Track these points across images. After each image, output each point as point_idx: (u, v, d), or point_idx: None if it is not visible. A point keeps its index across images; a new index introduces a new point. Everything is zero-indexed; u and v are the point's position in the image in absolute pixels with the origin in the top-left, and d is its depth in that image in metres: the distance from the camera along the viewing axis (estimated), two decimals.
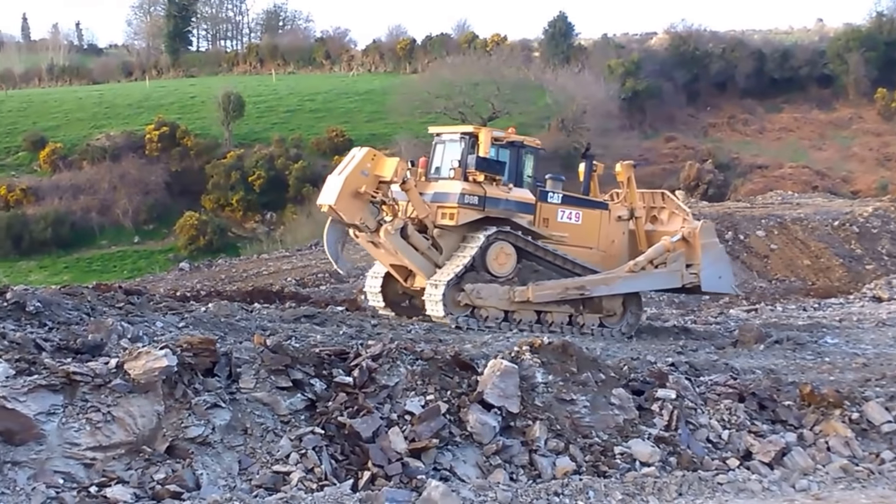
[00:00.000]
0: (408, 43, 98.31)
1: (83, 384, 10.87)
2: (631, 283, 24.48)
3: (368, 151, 22.85)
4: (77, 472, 10.36)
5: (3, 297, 16.08)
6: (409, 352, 13.15)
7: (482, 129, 24.52)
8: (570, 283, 23.64)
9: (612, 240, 25.25)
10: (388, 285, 24.74)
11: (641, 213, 25.83)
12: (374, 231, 22.83)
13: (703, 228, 25.16)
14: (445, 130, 25.44)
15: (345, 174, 22.48)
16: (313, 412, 12.00)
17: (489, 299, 22.87)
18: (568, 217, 24.59)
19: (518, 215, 23.69)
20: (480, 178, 23.19)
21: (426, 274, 23.07)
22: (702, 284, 24.96)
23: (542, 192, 24.62)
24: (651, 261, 24.62)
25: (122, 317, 17.01)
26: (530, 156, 24.99)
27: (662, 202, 26.75)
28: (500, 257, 23.15)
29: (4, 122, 71.78)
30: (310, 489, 10.71)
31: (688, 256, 24.85)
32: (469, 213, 23.10)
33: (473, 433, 12.23)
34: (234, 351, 12.42)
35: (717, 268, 25.14)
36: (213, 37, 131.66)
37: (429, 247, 23.15)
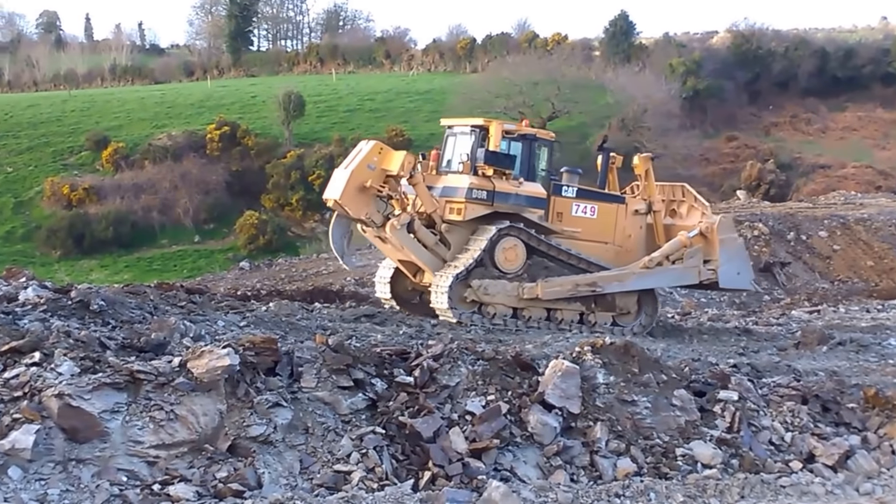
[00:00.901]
0: (468, 42, 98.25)
1: (146, 382, 10.96)
2: (645, 279, 23.84)
3: (375, 145, 22.43)
4: (140, 470, 10.44)
5: (68, 296, 16.26)
6: (469, 352, 13.12)
7: (493, 121, 23.62)
8: (580, 280, 23.06)
9: (629, 234, 24.61)
10: (398, 280, 24.26)
11: (660, 206, 25.11)
12: (380, 226, 22.32)
13: (722, 223, 24.47)
14: (457, 122, 24.70)
15: (351, 168, 21.99)
16: (374, 412, 12.00)
17: (497, 296, 22.37)
18: (583, 211, 23.96)
19: (529, 210, 23.01)
20: (490, 172, 22.59)
21: (433, 269, 22.52)
22: (720, 281, 24.27)
23: (555, 186, 23.95)
24: (667, 257, 23.98)
25: (185, 316, 17.14)
26: (544, 149, 24.28)
27: (682, 196, 25.92)
28: (509, 253, 22.62)
29: (68, 122, 72.67)
30: (370, 489, 10.72)
31: (705, 252, 24.11)
32: (477, 209, 22.51)
33: (534, 434, 12.18)
34: (295, 350, 12.48)
35: (735, 264, 24.41)
36: (273, 36, 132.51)
37: (436, 242, 22.63)
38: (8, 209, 60.30)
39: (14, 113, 74.81)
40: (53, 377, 10.69)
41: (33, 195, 61.36)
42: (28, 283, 18.26)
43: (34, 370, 10.78)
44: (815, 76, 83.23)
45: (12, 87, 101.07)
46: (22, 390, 10.47)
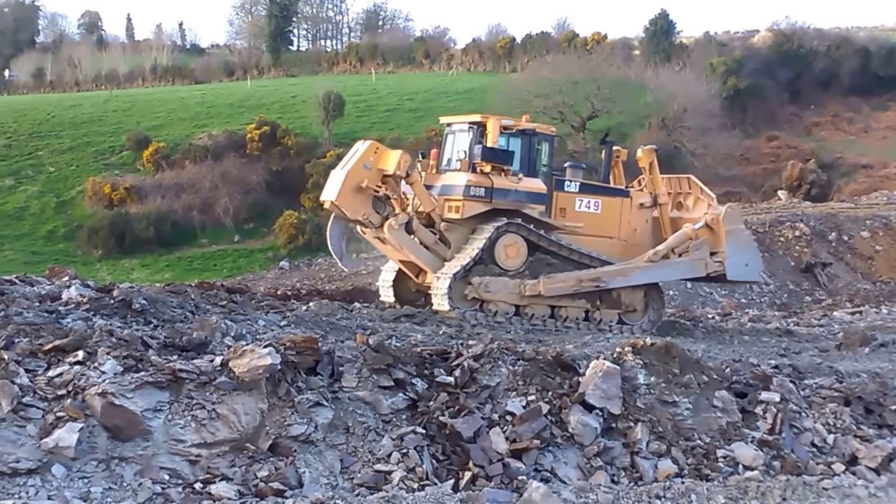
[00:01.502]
0: (507, 42, 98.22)
1: (188, 381, 11.01)
2: (650, 273, 23.48)
3: (371, 144, 22.24)
4: (182, 469, 10.49)
5: (110, 295, 16.37)
6: (510, 352, 13.10)
7: (490, 117, 23.50)
8: (584, 276, 22.68)
9: (635, 228, 24.35)
10: (401, 282, 24.09)
11: (665, 199, 24.78)
12: (378, 226, 22.15)
13: (728, 214, 24.08)
14: (456, 120, 24.50)
15: (346, 168, 21.85)
16: (415, 411, 12.01)
17: (498, 293, 22.11)
18: (586, 206, 23.67)
19: (529, 206, 22.74)
20: (488, 169, 22.37)
21: (433, 269, 22.35)
22: (727, 273, 23.89)
23: (557, 181, 23.75)
24: (672, 249, 23.63)
25: (226, 315, 17.20)
26: (545, 144, 23.95)
27: (688, 188, 25.56)
28: (510, 250, 22.37)
29: (109, 122, 73.23)
30: (411, 489, 10.71)
31: (712, 244, 23.76)
32: (475, 206, 22.29)
33: (575, 434, 12.13)
34: (336, 350, 12.50)
35: (743, 255, 24.03)
36: (313, 36, 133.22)
37: (436, 241, 22.41)
38: (50, 208, 60.86)
39: (56, 113, 75.52)
40: (97, 376, 10.76)
41: (75, 195, 61.90)
42: (71, 282, 18.45)
43: (78, 369, 10.85)
44: (858, 75, 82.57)
45: (55, 87, 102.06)
46: (66, 388, 10.55)
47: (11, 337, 11.84)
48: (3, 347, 11.33)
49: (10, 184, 63.72)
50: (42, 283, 19.28)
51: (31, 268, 35.61)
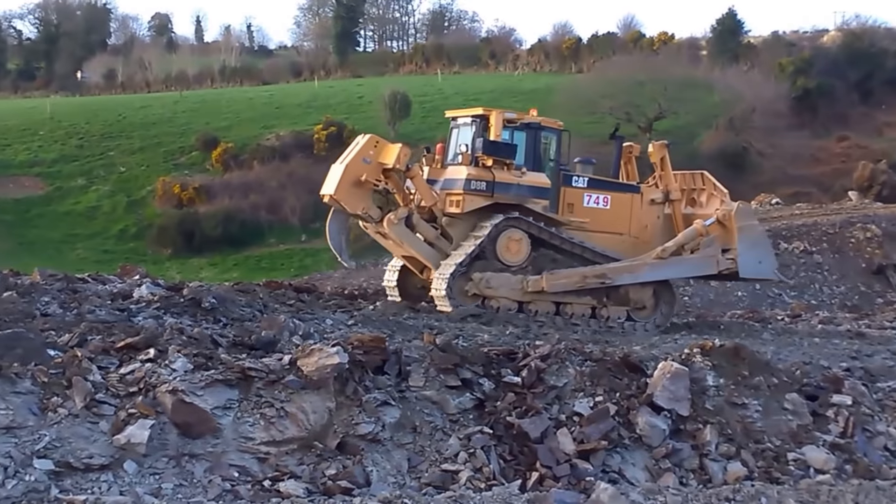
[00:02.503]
0: (573, 42, 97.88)
1: (258, 380, 11.12)
2: (659, 270, 22.76)
3: (371, 138, 21.82)
4: (251, 466, 10.58)
5: (180, 294, 16.57)
6: (577, 353, 13.07)
7: (493, 110, 22.79)
8: (588, 272, 22.04)
9: (645, 225, 23.55)
10: (406, 278, 23.54)
11: (677, 195, 23.94)
12: (378, 221, 21.71)
13: (740, 210, 23.23)
14: (460, 114, 23.82)
15: (346, 162, 21.49)
16: (482, 411, 12.02)
17: (500, 289, 21.55)
18: (595, 202, 22.99)
19: (532, 201, 22.05)
20: (489, 163, 21.78)
21: (434, 264, 21.78)
22: (739, 270, 23.04)
23: (565, 176, 23.00)
24: (682, 246, 22.92)
25: (294, 314, 17.31)
26: (552, 138, 23.24)
27: (702, 183, 24.77)
28: (512, 245, 21.76)
29: (178, 123, 74.04)
30: (478, 488, 10.72)
31: (724, 241, 22.93)
32: (476, 200, 21.71)
33: (643, 436, 12.08)
34: (403, 349, 12.54)
35: (756, 252, 23.15)
36: (379, 37, 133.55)
37: (437, 236, 21.82)
38: (121, 208, 61.68)
39: (127, 114, 76.51)
40: (167, 373, 10.89)
41: (145, 194, 62.66)
42: (142, 281, 18.68)
43: (149, 366, 11.00)
44: None
45: (125, 89, 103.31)
46: (137, 386, 10.69)
47: (85, 335, 12.03)
48: (77, 345, 11.52)
49: (83, 183, 64.70)
50: (114, 281, 19.53)
51: (102, 266, 36.10)
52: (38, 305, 14.53)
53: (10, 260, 35.21)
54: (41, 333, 11.91)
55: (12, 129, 73.40)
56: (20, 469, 9.43)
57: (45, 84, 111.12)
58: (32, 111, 79.58)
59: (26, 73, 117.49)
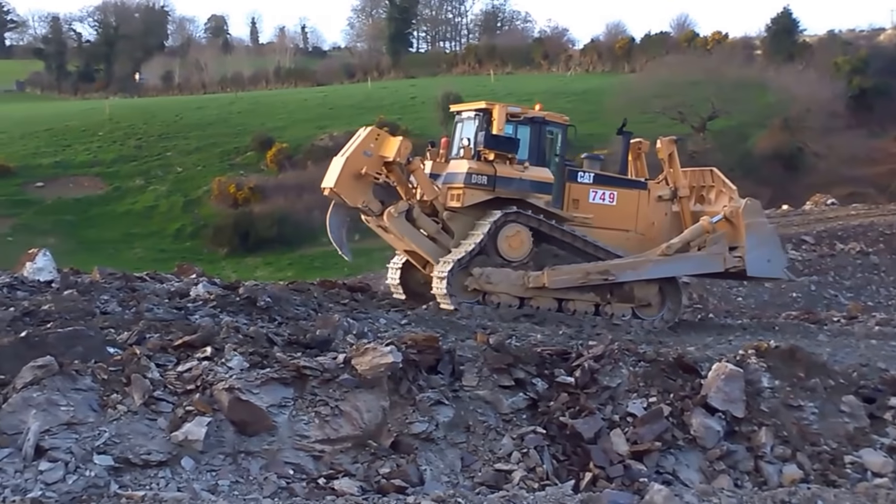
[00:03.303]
0: (626, 42, 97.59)
1: (312, 378, 11.20)
2: (663, 267, 22.27)
3: (372, 130, 21.67)
4: (306, 464, 10.66)
5: (236, 293, 16.75)
6: (631, 353, 13.02)
7: (496, 104, 22.34)
8: (591, 268, 21.66)
9: (652, 222, 23.14)
10: (408, 275, 23.30)
11: (686, 192, 23.39)
12: (378, 214, 21.52)
13: (748, 207, 22.71)
14: (464, 108, 23.58)
15: (346, 155, 21.30)
16: (535, 411, 12.03)
17: (500, 285, 21.22)
18: (601, 198, 22.59)
19: (534, 196, 21.67)
20: (491, 157, 21.47)
21: (434, 259, 21.49)
22: (747, 268, 22.57)
23: (570, 172, 22.69)
24: (688, 243, 22.49)
25: (348, 313, 17.43)
26: (557, 133, 22.88)
27: (711, 180, 24.21)
28: (513, 240, 21.42)
29: (234, 124, 74.70)
30: (531, 488, 10.73)
31: (731, 238, 22.50)
32: (477, 194, 21.40)
33: (697, 437, 12.01)
34: (457, 349, 12.59)
35: (764, 250, 22.66)
36: (432, 38, 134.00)
37: (438, 230, 21.63)
38: (178, 208, 62.35)
39: (184, 115, 77.36)
40: (224, 371, 11.01)
41: (201, 194, 63.29)
42: (198, 280, 18.92)
43: (206, 364, 11.12)
44: None
45: (182, 90, 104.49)
46: (194, 383, 10.81)
47: (143, 332, 12.21)
48: (136, 343, 11.70)
49: (141, 184, 65.53)
50: (171, 280, 19.78)
51: (159, 265, 36.47)
52: (97, 303, 14.78)
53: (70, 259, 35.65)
54: (101, 331, 12.09)
55: (73, 130, 74.55)
56: (81, 464, 9.58)
57: (104, 86, 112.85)
58: (92, 112, 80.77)
59: (86, 75, 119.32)
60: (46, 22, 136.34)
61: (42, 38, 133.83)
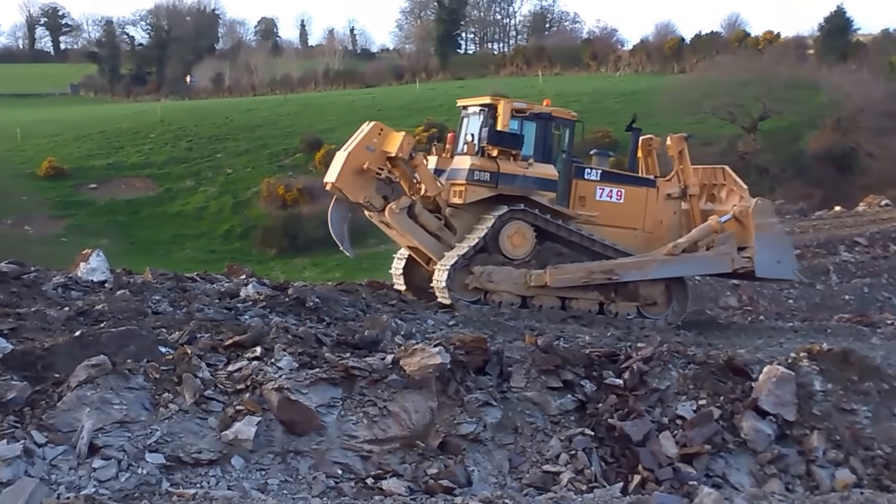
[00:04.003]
0: (676, 42, 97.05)
1: (361, 379, 11.26)
2: (669, 267, 21.87)
3: (375, 125, 21.26)
4: (354, 464, 10.71)
5: (285, 293, 16.83)
6: (680, 355, 12.96)
7: (501, 100, 22.05)
8: (595, 267, 21.26)
9: (661, 220, 22.64)
10: (412, 270, 22.91)
11: (696, 190, 22.95)
12: (380, 210, 21.18)
13: (758, 207, 22.24)
14: (470, 102, 23.08)
15: (349, 150, 21.02)
16: (583, 413, 12.01)
17: (502, 283, 20.88)
18: (608, 195, 22.16)
19: (538, 193, 21.30)
20: (495, 153, 21.11)
21: (436, 255, 21.18)
22: (756, 269, 22.09)
23: (577, 168, 22.24)
24: (695, 243, 22.02)
25: (396, 314, 17.45)
26: (564, 129, 22.46)
27: (723, 179, 23.66)
28: (515, 238, 21.06)
29: (283, 125, 75.11)
30: (579, 490, 10.72)
31: (740, 238, 22.04)
32: (479, 191, 21.07)
33: (747, 440, 11.94)
34: (505, 350, 12.58)
35: (774, 251, 22.16)
36: (480, 39, 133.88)
37: (440, 227, 21.37)
38: (227, 209, 62.76)
39: (234, 117, 77.90)
40: (273, 371, 11.09)
41: (250, 195, 63.66)
42: (248, 280, 19.01)
43: (256, 364, 11.20)
44: None
45: (232, 92, 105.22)
46: (244, 383, 10.89)
47: (194, 332, 12.32)
48: (187, 342, 11.80)
49: (191, 185, 66.07)
50: (221, 280, 19.90)
51: (209, 265, 36.75)
52: (149, 303, 14.92)
53: (122, 259, 36.01)
54: (153, 331, 12.23)
55: (125, 132, 75.31)
56: (133, 462, 9.69)
57: (155, 88, 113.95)
58: (144, 114, 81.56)
59: (138, 78, 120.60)
60: (100, 26, 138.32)
61: (96, 41, 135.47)
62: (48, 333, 11.82)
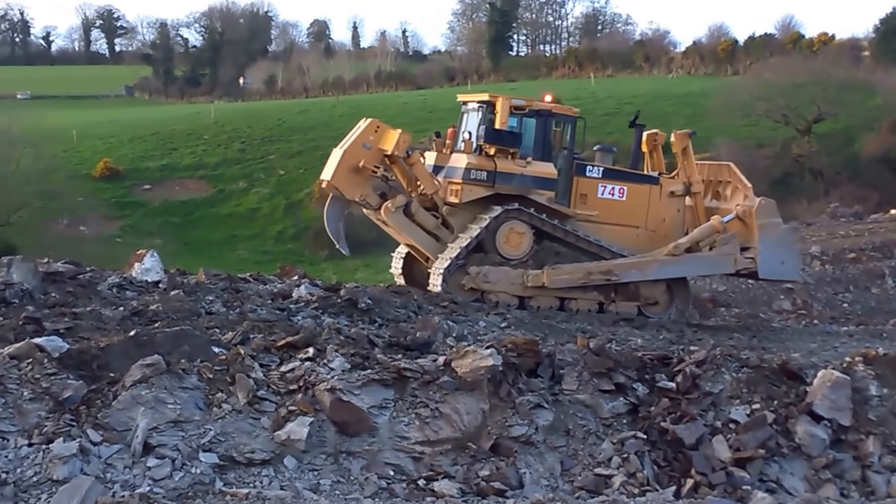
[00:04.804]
0: (729, 44, 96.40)
1: (413, 380, 11.28)
2: (670, 268, 21.56)
3: (371, 122, 21.11)
4: (406, 465, 10.74)
5: (337, 294, 16.91)
6: (734, 359, 12.86)
7: (500, 96, 21.73)
8: (594, 267, 20.99)
9: (664, 218, 22.23)
10: (412, 266, 22.71)
11: (699, 188, 22.55)
12: (376, 208, 21.05)
13: (761, 207, 21.80)
14: (470, 98, 22.96)
15: (344, 147, 20.85)
16: (635, 416, 11.95)
17: (498, 284, 20.64)
18: (610, 193, 21.78)
19: (536, 192, 21.04)
20: (492, 151, 20.85)
21: (433, 254, 20.99)
22: (759, 270, 21.77)
23: (578, 166, 21.86)
24: (697, 243, 21.70)
25: (447, 316, 17.47)
26: (565, 126, 22.11)
27: (728, 176, 23.25)
28: (512, 238, 20.80)
29: (335, 127, 75.20)
30: (631, 494, 10.68)
31: (744, 238, 21.72)
32: (475, 190, 20.85)
33: (801, 445, 11.82)
34: (557, 352, 12.55)
35: (777, 252, 21.78)
36: (532, 41, 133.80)
37: (437, 225, 21.16)
38: (280, 210, 63.13)
39: (286, 118, 78.34)
40: (326, 372, 11.13)
41: (303, 197, 63.95)
42: (300, 281, 19.14)
43: (308, 365, 11.25)
44: None
45: (285, 94, 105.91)
46: (297, 384, 10.94)
47: (247, 333, 12.40)
48: (240, 343, 11.88)
49: (244, 186, 66.55)
50: (274, 281, 20.03)
51: (262, 266, 37.01)
52: (203, 304, 15.05)
53: (176, 259, 36.38)
54: (206, 331, 12.34)
55: (179, 134, 75.99)
56: (187, 462, 9.77)
57: (209, 90, 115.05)
58: (197, 116, 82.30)
59: (192, 80, 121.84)
60: (154, 28, 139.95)
61: (150, 43, 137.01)
62: (103, 333, 11.96)
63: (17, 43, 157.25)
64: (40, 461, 9.33)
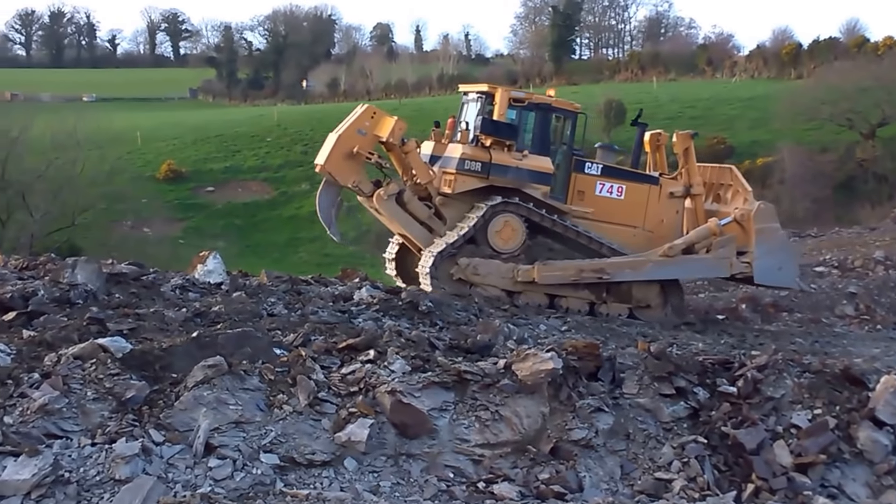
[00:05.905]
0: (793, 48, 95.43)
1: (473, 383, 11.31)
2: (664, 269, 21.25)
3: (368, 108, 21.11)
4: (466, 468, 10.77)
5: (398, 297, 17.01)
6: (795, 364, 12.76)
7: (499, 88, 21.70)
8: (585, 265, 20.75)
9: (662, 219, 22.00)
10: (405, 257, 22.60)
11: (700, 190, 22.32)
12: (369, 195, 20.98)
13: (760, 211, 21.55)
14: (471, 89, 22.74)
15: (339, 132, 20.71)
16: (696, 421, 11.89)
17: (488, 277, 20.46)
18: (608, 191, 21.57)
19: (531, 186, 20.82)
20: (488, 143, 20.67)
21: (423, 244, 20.85)
22: (755, 275, 21.53)
23: (578, 162, 21.72)
24: (692, 245, 21.42)
25: (508, 319, 17.51)
26: (567, 121, 21.87)
27: (730, 179, 23.00)
28: (505, 231, 20.61)
29: None
30: (692, 498, 10.64)
31: (741, 242, 21.50)
32: (469, 181, 20.67)
33: (864, 451, 11.69)
34: (617, 356, 12.53)
35: (774, 258, 21.51)
36: (595, 45, 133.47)
37: (430, 216, 21.03)
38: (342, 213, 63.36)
39: None
40: (386, 374, 11.20)
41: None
42: (362, 284, 19.25)
43: (369, 367, 11.32)
44: None
45: (347, 97, 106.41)
46: (357, 385, 11.03)
47: (308, 335, 12.51)
48: (301, 344, 11.99)
49: (307, 189, 66.83)
50: (335, 283, 20.17)
51: (323, 269, 37.20)
52: (265, 306, 15.19)
53: (238, 261, 36.75)
54: (268, 333, 12.45)
55: (242, 136, 76.66)
56: (248, 462, 9.88)
57: (272, 93, 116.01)
58: (261, 119, 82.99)
59: (255, 83, 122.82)
60: (219, 31, 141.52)
61: (214, 46, 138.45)
62: (166, 334, 12.11)
63: (84, 46, 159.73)
64: (103, 461, 9.48)
